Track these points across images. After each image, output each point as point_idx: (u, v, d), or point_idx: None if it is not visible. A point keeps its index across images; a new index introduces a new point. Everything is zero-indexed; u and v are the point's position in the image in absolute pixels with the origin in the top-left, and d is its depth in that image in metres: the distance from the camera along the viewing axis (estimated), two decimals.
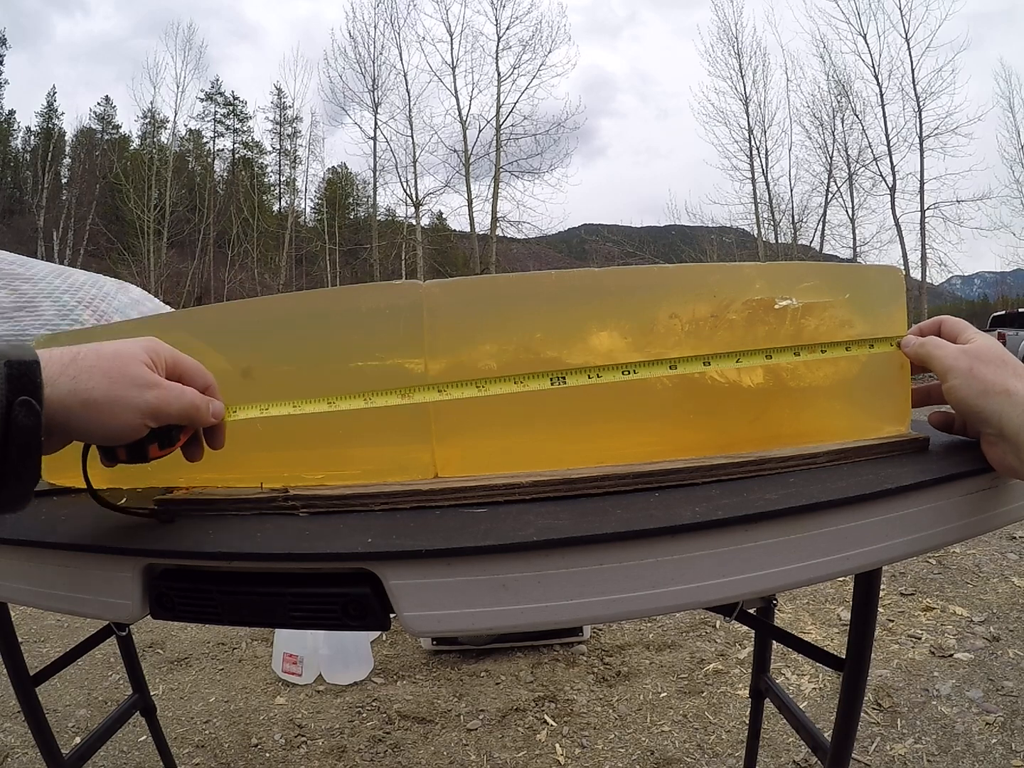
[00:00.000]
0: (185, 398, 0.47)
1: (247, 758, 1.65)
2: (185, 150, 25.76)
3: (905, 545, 0.47)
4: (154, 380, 0.45)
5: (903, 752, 1.50)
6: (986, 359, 0.52)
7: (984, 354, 0.52)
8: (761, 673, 1.10)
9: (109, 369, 0.43)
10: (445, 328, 0.55)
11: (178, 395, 0.47)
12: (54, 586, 0.50)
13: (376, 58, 20.96)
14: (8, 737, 1.71)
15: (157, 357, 0.47)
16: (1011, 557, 2.64)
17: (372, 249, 22.07)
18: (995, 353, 0.52)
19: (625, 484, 0.50)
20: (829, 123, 19.80)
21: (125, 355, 0.45)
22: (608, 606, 0.41)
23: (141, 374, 0.45)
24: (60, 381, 0.41)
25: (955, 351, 0.53)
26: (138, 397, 0.44)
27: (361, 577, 0.42)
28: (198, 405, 0.48)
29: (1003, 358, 0.52)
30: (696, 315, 0.55)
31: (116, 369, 0.43)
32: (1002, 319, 13.42)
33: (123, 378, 0.43)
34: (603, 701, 1.83)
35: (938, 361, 0.54)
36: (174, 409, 0.46)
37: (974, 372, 0.51)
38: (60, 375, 0.41)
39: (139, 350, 0.46)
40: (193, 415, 0.48)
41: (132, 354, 0.45)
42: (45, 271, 0.78)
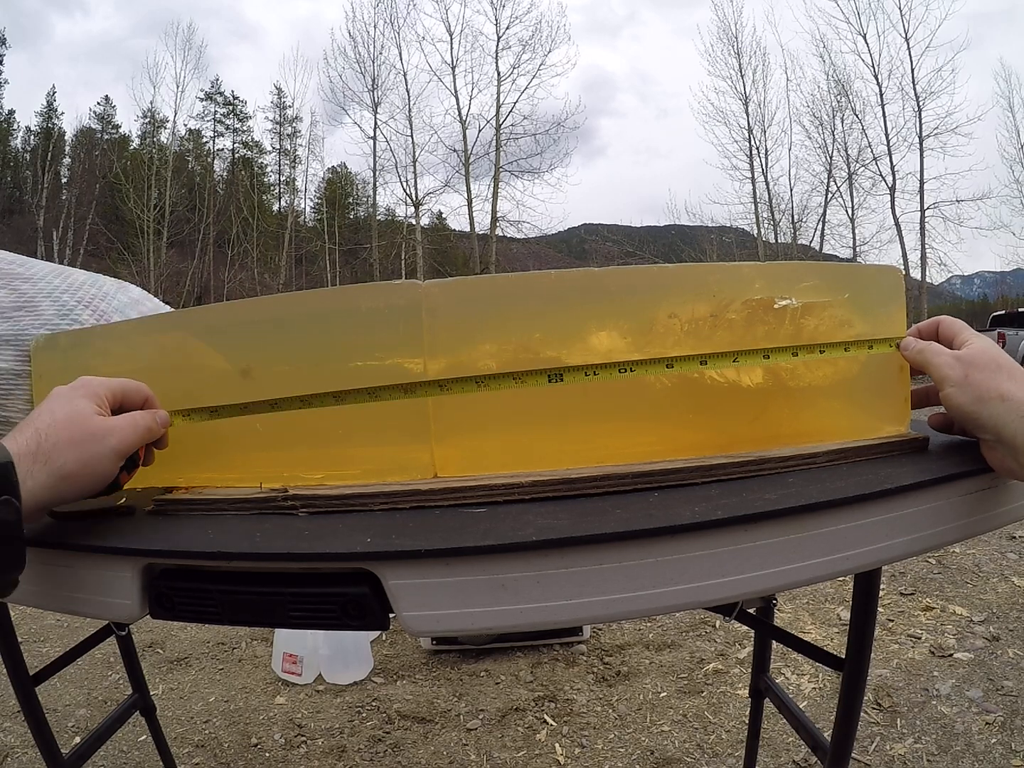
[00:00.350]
0: (139, 426, 0.52)
1: (247, 758, 1.65)
2: (185, 150, 25.76)
3: (905, 545, 0.47)
4: (110, 425, 0.49)
5: (903, 752, 1.50)
6: (980, 364, 0.52)
7: (978, 359, 0.52)
8: (761, 673, 1.10)
9: (71, 437, 0.47)
10: (444, 328, 0.55)
11: (132, 426, 0.51)
12: (53, 586, 0.50)
13: (376, 58, 20.96)
14: (8, 737, 1.71)
15: (101, 400, 0.51)
16: (1011, 557, 2.64)
17: (372, 249, 22.06)
18: (990, 357, 0.52)
19: (624, 484, 0.50)
20: (829, 123, 19.81)
21: (79, 415, 0.48)
22: (607, 606, 0.41)
23: (99, 426, 0.49)
24: (35, 469, 0.44)
25: (950, 359, 0.53)
26: (105, 448, 0.48)
27: (360, 577, 0.42)
28: (150, 426, 0.53)
29: (998, 361, 0.52)
30: (696, 315, 0.55)
31: (77, 434, 0.47)
32: (1002, 319, 13.42)
33: (86, 438, 0.47)
34: (603, 701, 1.83)
35: (935, 369, 0.54)
36: (134, 440, 0.51)
37: (969, 379, 0.52)
38: (33, 463, 0.44)
39: (86, 403, 0.49)
40: (149, 436, 0.53)
41: (83, 411, 0.49)
42: (45, 271, 0.78)
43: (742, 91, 20.26)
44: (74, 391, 0.50)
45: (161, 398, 0.61)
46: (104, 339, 0.67)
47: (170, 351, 0.62)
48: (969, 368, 0.52)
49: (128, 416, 0.52)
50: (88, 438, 0.47)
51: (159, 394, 0.61)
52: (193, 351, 0.61)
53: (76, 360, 0.66)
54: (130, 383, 0.54)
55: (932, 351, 0.55)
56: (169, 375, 0.61)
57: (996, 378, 0.51)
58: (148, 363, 0.63)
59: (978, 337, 0.55)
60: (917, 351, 0.57)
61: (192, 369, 0.61)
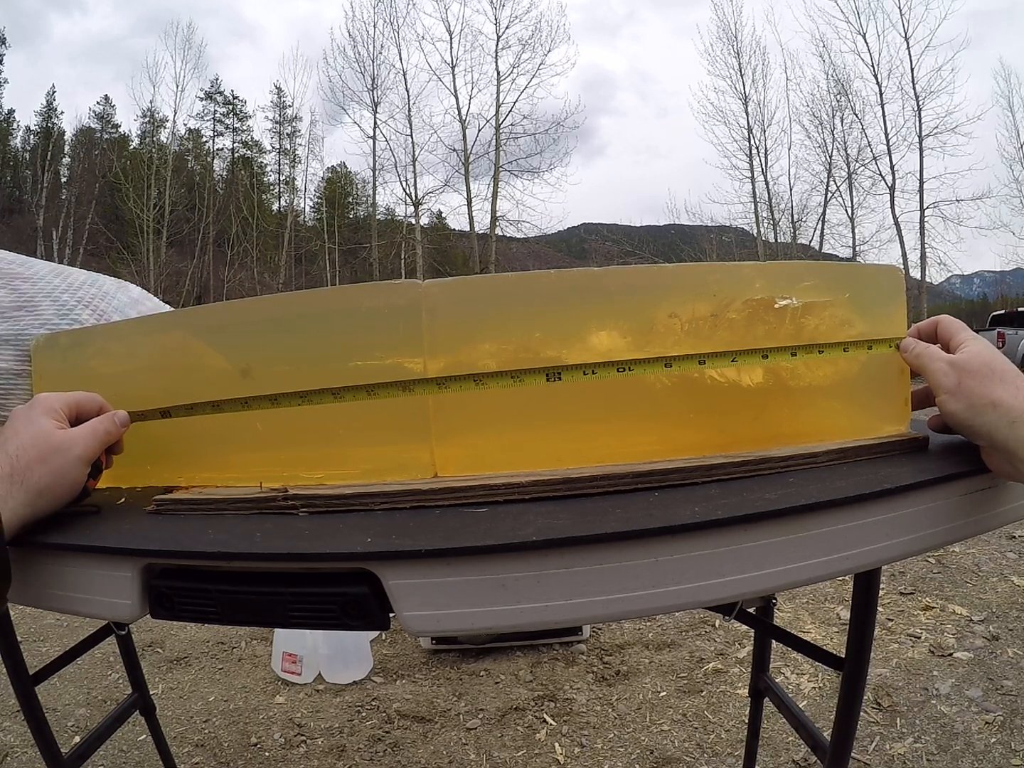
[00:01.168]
0: (99, 432, 0.55)
1: (246, 757, 1.65)
2: (184, 149, 25.75)
3: (904, 544, 0.47)
4: (71, 436, 0.52)
5: (903, 751, 1.50)
6: (973, 370, 0.51)
7: (971, 365, 0.52)
8: (760, 672, 1.10)
9: (39, 455, 0.50)
10: (444, 327, 0.55)
11: (92, 434, 0.54)
12: (53, 585, 0.50)
13: (375, 57, 20.98)
14: (8, 736, 1.71)
15: (59, 414, 0.53)
16: (1010, 556, 2.64)
17: (371, 248, 22.06)
18: (983, 361, 0.52)
19: (624, 484, 0.50)
20: (828, 122, 19.83)
21: (41, 432, 0.51)
22: (607, 606, 0.41)
23: (61, 439, 0.51)
24: (13, 490, 0.47)
25: (944, 365, 0.53)
26: (71, 457, 0.51)
27: (360, 577, 0.42)
28: (109, 430, 0.56)
29: (991, 366, 0.51)
30: (696, 314, 0.55)
31: (44, 450, 0.50)
32: (1001, 318, 13.43)
33: (52, 453, 0.50)
34: (602, 700, 1.83)
35: (930, 376, 0.54)
36: (95, 446, 0.54)
37: (962, 387, 0.51)
38: (11, 485, 0.47)
39: (45, 420, 0.52)
40: (108, 439, 0.56)
41: (45, 428, 0.51)
42: (44, 270, 0.78)
43: (742, 90, 20.29)
44: (32, 410, 0.52)
45: (161, 397, 0.61)
46: (104, 339, 0.67)
47: (170, 350, 0.62)
48: (962, 375, 0.52)
49: (87, 425, 0.54)
50: (54, 452, 0.50)
51: (159, 393, 0.61)
52: (193, 350, 0.61)
53: (76, 360, 0.66)
54: (83, 394, 0.57)
55: (928, 356, 0.55)
56: (169, 374, 0.61)
57: (988, 384, 0.50)
58: (148, 362, 0.63)
59: (974, 339, 0.55)
60: (915, 355, 0.57)
61: (192, 369, 0.61)
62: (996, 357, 0.53)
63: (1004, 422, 0.48)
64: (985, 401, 0.50)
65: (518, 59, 20.79)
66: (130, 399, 0.59)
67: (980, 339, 0.55)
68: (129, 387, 0.62)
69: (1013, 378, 0.51)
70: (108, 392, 0.58)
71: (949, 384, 0.52)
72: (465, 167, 20.72)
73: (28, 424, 0.51)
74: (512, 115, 20.70)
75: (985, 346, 0.54)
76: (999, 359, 0.53)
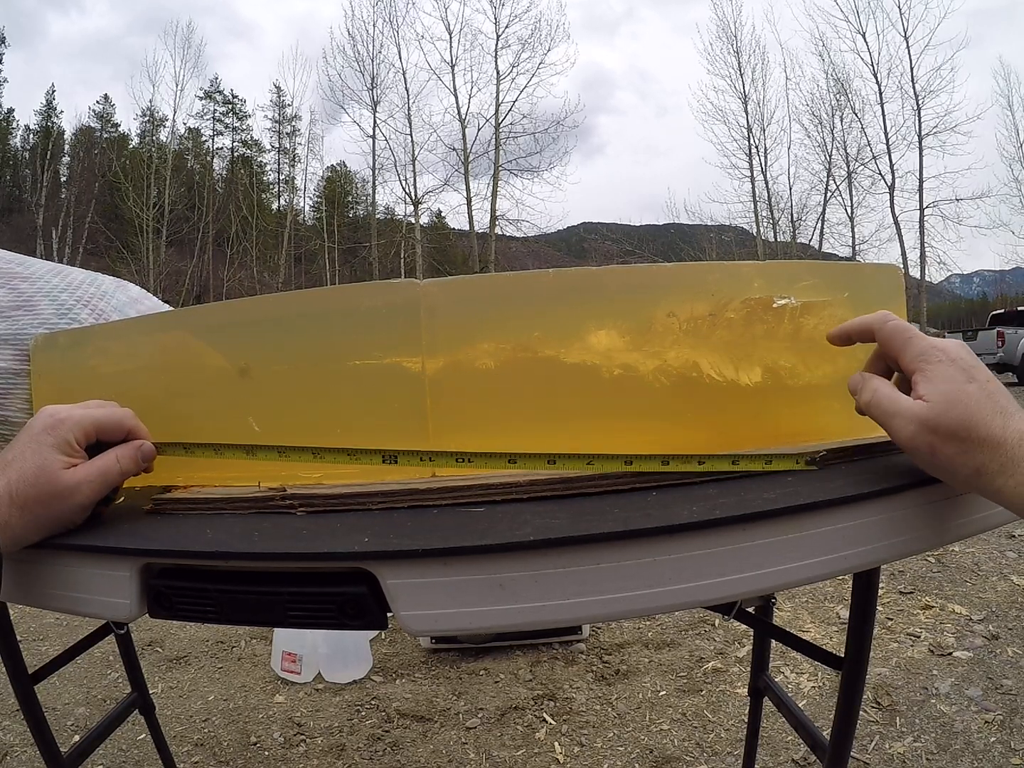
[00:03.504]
0: (112, 474, 0.50)
1: (246, 756, 1.65)
2: (184, 148, 25.75)
3: (904, 544, 0.47)
4: (77, 481, 0.48)
5: (902, 750, 1.50)
6: (946, 431, 0.41)
7: (943, 424, 0.41)
8: (760, 672, 1.10)
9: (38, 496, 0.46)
10: (443, 327, 0.54)
11: (102, 478, 0.49)
12: (52, 585, 0.50)
13: (375, 56, 20.98)
14: (7, 735, 1.71)
15: (71, 446, 0.49)
16: (1010, 555, 2.64)
17: (371, 247, 22.06)
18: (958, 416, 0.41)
19: (622, 483, 0.50)
20: (828, 121, 19.84)
21: (45, 471, 0.47)
22: (605, 605, 0.41)
23: (65, 484, 0.47)
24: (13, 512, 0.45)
25: (907, 422, 0.43)
26: (71, 505, 0.48)
27: (358, 576, 0.42)
28: (126, 470, 0.51)
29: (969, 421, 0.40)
30: (694, 314, 0.55)
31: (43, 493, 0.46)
32: (1001, 317, 13.44)
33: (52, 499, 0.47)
34: (602, 699, 1.83)
35: (893, 432, 0.44)
36: (104, 490, 0.50)
37: (936, 456, 0.42)
38: (10, 507, 0.45)
39: (53, 456, 0.48)
40: (127, 477, 0.52)
41: (50, 467, 0.47)
42: (43, 270, 0.77)
43: (741, 90, 20.29)
44: (44, 435, 0.48)
45: (160, 396, 0.61)
46: (103, 338, 0.67)
47: (169, 350, 0.62)
48: (934, 438, 0.41)
49: (101, 464, 0.50)
50: (53, 498, 0.47)
51: (158, 392, 0.61)
52: (192, 350, 0.61)
53: (75, 359, 0.66)
54: (110, 417, 0.52)
55: (884, 405, 0.45)
56: (168, 374, 0.61)
57: (966, 450, 0.41)
58: (147, 362, 0.63)
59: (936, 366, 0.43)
60: (865, 403, 0.47)
61: (191, 368, 0.61)
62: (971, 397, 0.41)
63: (992, 491, 0.41)
64: (968, 471, 0.41)
65: (518, 58, 20.83)
66: (129, 399, 0.59)
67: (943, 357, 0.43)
68: (128, 387, 0.62)
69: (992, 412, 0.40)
70: (107, 392, 0.58)
71: (920, 450, 0.43)
72: (465, 166, 20.72)
73: (35, 453, 0.47)
74: (512, 114, 20.72)
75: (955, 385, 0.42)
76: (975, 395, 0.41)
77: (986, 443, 0.40)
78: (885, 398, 0.45)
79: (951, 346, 0.44)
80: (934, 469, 0.43)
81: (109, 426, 0.51)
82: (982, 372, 0.43)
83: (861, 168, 19.62)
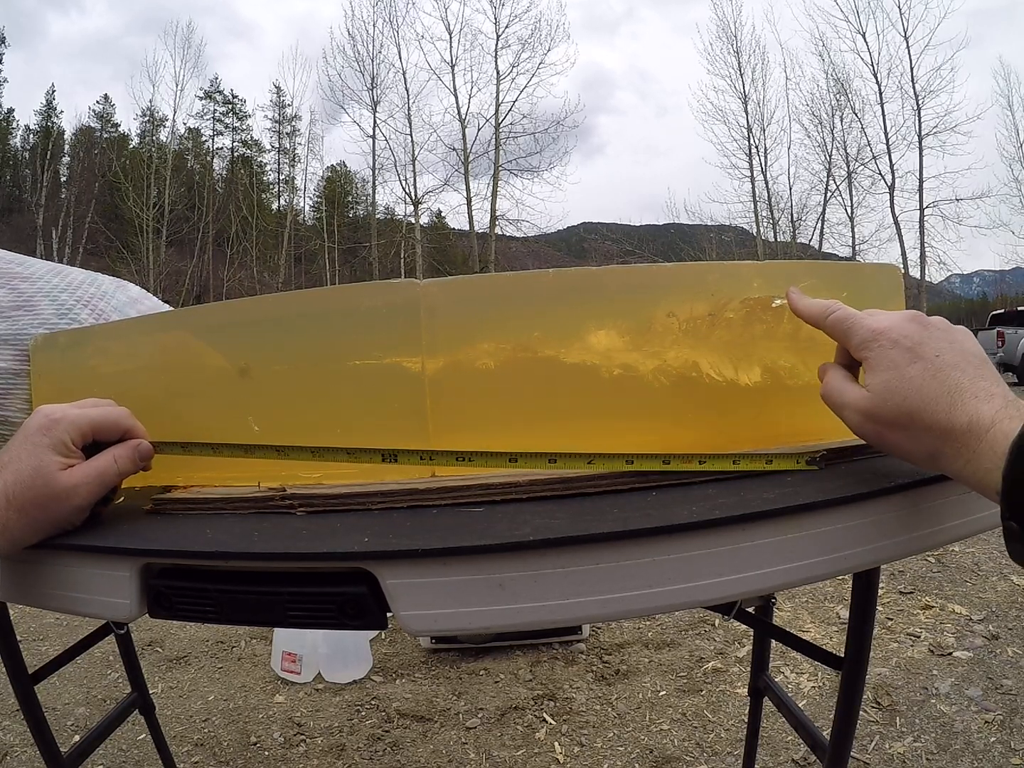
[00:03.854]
0: (109, 475, 0.50)
1: (246, 756, 1.65)
2: (184, 148, 25.75)
3: (903, 544, 0.47)
4: (73, 483, 0.47)
5: (902, 750, 1.50)
6: (888, 421, 0.41)
7: (884, 415, 0.41)
8: (760, 672, 1.10)
9: (35, 499, 0.46)
10: (443, 327, 0.54)
11: (100, 478, 0.49)
12: (52, 585, 0.50)
13: (375, 56, 20.98)
14: (7, 735, 1.71)
15: (67, 447, 0.48)
16: None
17: (371, 247, 22.07)
18: (896, 408, 0.40)
19: (622, 483, 0.50)
20: (828, 121, 19.84)
21: (41, 473, 0.46)
22: (605, 605, 0.41)
23: (61, 487, 0.47)
24: (11, 515, 0.45)
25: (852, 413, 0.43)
26: (68, 507, 0.47)
27: (358, 576, 0.42)
28: (124, 470, 0.51)
29: (908, 412, 0.39)
30: (694, 314, 0.55)
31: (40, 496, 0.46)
32: (1001, 317, 13.43)
33: (48, 501, 0.46)
34: (602, 699, 1.83)
35: (845, 422, 0.45)
36: (101, 491, 0.50)
37: (886, 443, 0.42)
38: (7, 510, 0.45)
39: (49, 456, 0.47)
40: (125, 477, 0.52)
41: (46, 468, 0.47)
42: (43, 270, 0.77)
43: (741, 90, 20.29)
44: (39, 436, 0.47)
45: (160, 396, 0.61)
46: (103, 338, 0.67)
47: (169, 350, 0.62)
48: (879, 427, 0.42)
49: (97, 465, 0.49)
50: (51, 500, 0.46)
51: (158, 392, 0.61)
52: (192, 350, 0.61)
53: (75, 359, 0.66)
54: (106, 416, 0.51)
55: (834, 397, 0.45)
56: (168, 374, 0.61)
57: (916, 436, 0.40)
58: (147, 362, 0.63)
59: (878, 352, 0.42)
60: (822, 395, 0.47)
61: (191, 368, 0.61)
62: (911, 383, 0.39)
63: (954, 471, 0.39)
64: (923, 455, 0.40)
65: (518, 58, 20.84)
66: (129, 399, 0.59)
67: (884, 341, 0.42)
68: (128, 387, 0.62)
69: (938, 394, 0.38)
70: (108, 392, 0.58)
71: (868, 437, 0.43)
72: (465, 166, 20.72)
73: (31, 455, 0.47)
74: (512, 114, 20.73)
75: (895, 358, 0.40)
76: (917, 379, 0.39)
77: (932, 430, 0.39)
78: (835, 390, 0.45)
79: (895, 325, 0.42)
80: (893, 453, 0.43)
81: (105, 425, 0.51)
82: (931, 347, 0.40)
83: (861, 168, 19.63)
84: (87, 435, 0.50)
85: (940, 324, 0.43)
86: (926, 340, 0.41)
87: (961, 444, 0.37)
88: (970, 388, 0.38)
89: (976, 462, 0.37)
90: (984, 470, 0.36)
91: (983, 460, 0.36)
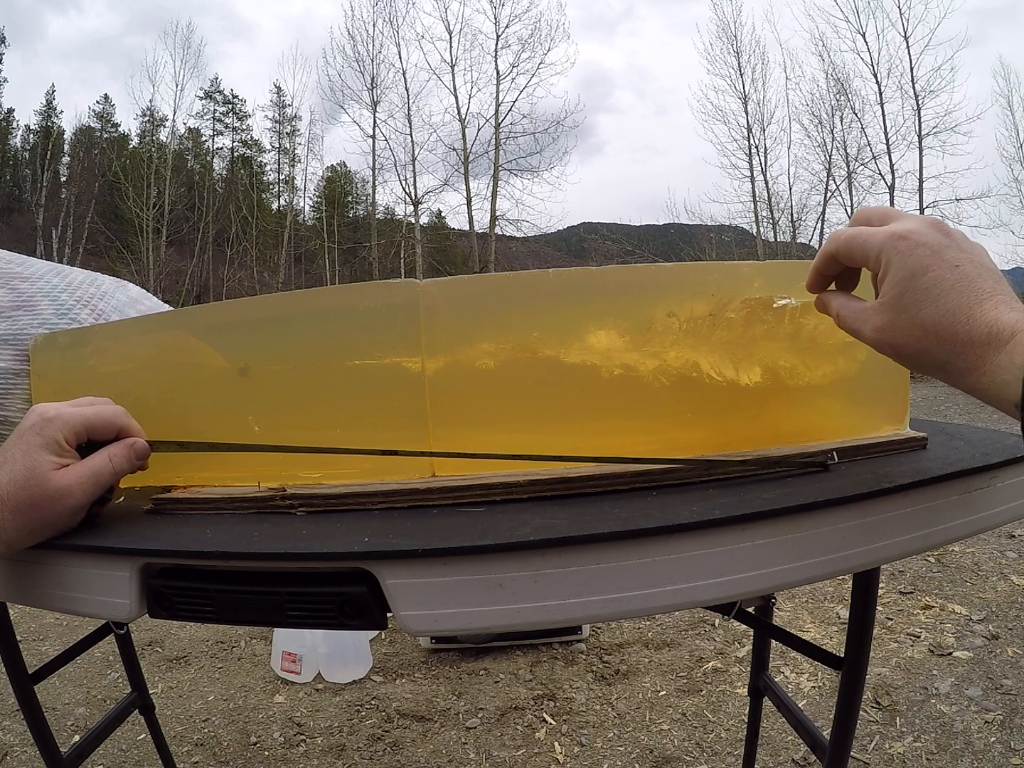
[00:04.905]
0: (103, 476, 0.49)
1: (246, 756, 1.65)
2: (184, 148, 25.72)
3: (903, 544, 0.47)
4: (67, 484, 0.47)
5: (902, 750, 1.50)
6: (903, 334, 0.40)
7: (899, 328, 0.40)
8: (760, 671, 1.10)
9: (29, 499, 0.45)
10: (443, 327, 0.54)
11: (95, 479, 0.48)
12: (52, 585, 0.50)
13: (375, 56, 20.95)
14: (7, 735, 1.71)
15: (60, 447, 0.48)
16: (1010, 555, 2.64)
17: (371, 247, 22.05)
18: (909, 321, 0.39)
19: (622, 483, 0.50)
20: (828, 121, 19.78)
21: (35, 474, 0.46)
22: (605, 605, 0.41)
23: (55, 488, 0.46)
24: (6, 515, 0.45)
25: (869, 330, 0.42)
26: (63, 508, 0.47)
27: (358, 576, 0.42)
28: (119, 470, 0.50)
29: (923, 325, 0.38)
30: (694, 314, 0.55)
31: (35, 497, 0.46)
32: None
33: (42, 502, 0.46)
34: (602, 699, 1.83)
35: (863, 341, 0.44)
36: (95, 491, 0.49)
37: (900, 357, 0.41)
38: (3, 510, 0.45)
39: (43, 457, 0.47)
40: (120, 477, 0.51)
41: (40, 469, 0.46)
42: (43, 270, 0.77)
43: (741, 89, 20.25)
44: (32, 435, 0.47)
45: (159, 396, 0.61)
46: (103, 338, 0.67)
47: (169, 350, 0.62)
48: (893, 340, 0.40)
49: (92, 465, 0.49)
50: (45, 501, 0.46)
51: (158, 392, 0.61)
52: (192, 350, 0.61)
53: (74, 359, 0.66)
54: (100, 415, 0.50)
55: (849, 322, 0.44)
56: (168, 374, 0.61)
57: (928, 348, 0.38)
58: (147, 362, 0.63)
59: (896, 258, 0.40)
60: (838, 325, 0.46)
61: (191, 368, 0.61)
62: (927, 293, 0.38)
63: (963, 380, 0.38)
64: (932, 368, 0.39)
65: (517, 58, 20.77)
66: (129, 399, 0.59)
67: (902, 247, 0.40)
68: (128, 387, 0.62)
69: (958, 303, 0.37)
70: (107, 392, 0.58)
71: (885, 352, 0.42)
72: (464, 166, 20.71)
73: (25, 455, 0.46)
74: (512, 114, 20.69)
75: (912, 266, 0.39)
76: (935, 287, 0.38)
77: (947, 341, 0.37)
78: (849, 315, 0.44)
79: (917, 229, 0.40)
80: (909, 366, 0.43)
81: (99, 424, 0.50)
82: (951, 255, 0.39)
83: (861, 168, 19.60)
84: (81, 434, 0.49)
85: (961, 235, 0.41)
86: (950, 244, 0.39)
87: (979, 355, 0.36)
88: (990, 298, 0.37)
89: (994, 373, 0.35)
90: (1002, 382, 0.35)
91: (1002, 371, 0.35)
